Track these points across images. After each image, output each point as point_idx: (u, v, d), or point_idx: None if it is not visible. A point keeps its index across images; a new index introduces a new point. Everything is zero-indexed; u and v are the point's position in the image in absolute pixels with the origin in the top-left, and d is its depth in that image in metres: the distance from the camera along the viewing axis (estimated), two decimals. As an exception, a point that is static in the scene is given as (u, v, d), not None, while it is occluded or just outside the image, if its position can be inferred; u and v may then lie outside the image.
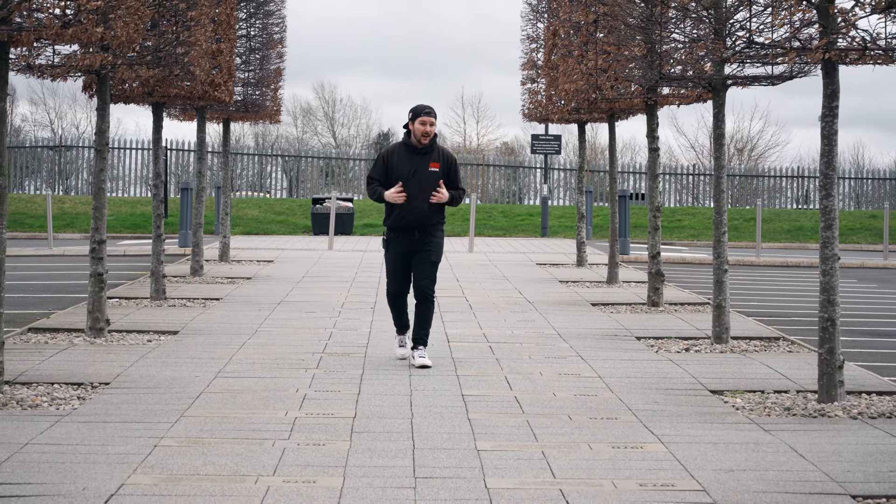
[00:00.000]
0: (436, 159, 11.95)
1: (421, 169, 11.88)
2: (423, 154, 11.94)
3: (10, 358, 11.99)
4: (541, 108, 24.96)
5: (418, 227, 11.93)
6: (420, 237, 11.96)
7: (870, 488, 7.65)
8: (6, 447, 8.39)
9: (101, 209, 14.23)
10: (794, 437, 9.11)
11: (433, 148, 11.98)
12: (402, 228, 11.94)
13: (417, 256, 11.99)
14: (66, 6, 10.49)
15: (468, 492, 7.41)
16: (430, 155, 11.95)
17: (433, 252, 11.99)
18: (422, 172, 11.88)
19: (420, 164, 11.90)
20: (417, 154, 11.94)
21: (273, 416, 9.66)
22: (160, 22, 16.22)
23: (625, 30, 16.58)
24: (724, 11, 13.35)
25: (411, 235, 11.95)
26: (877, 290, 23.22)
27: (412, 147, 11.96)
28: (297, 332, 14.59)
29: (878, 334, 16.33)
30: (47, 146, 49.75)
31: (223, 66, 19.53)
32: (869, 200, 51.15)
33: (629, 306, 17.99)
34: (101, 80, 14.37)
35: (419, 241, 11.96)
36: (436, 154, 11.97)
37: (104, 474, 7.70)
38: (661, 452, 8.57)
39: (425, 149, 11.95)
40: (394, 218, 11.97)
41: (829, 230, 10.51)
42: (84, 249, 26.94)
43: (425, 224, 11.94)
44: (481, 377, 11.61)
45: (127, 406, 9.97)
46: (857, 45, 10.13)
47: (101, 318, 13.99)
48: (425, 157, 11.93)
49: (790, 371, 12.23)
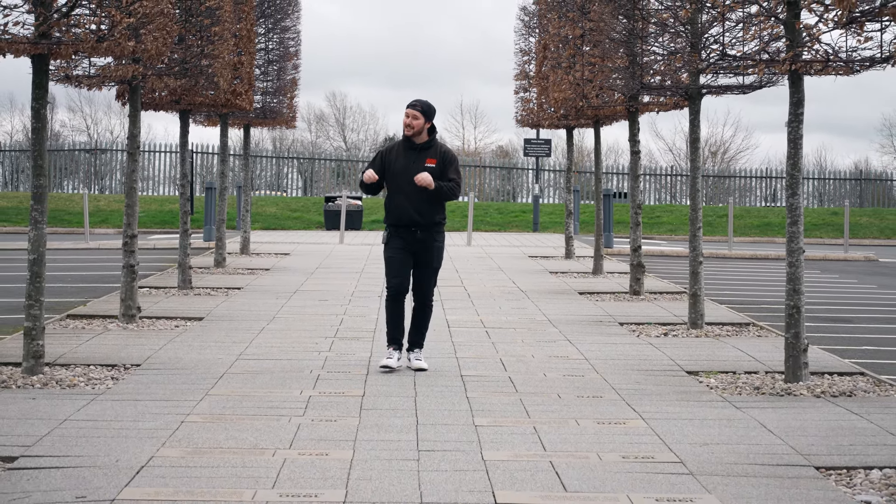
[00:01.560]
0: (433, 156, 10.87)
1: (416, 164, 10.78)
2: (421, 150, 10.88)
3: (51, 342, 11.99)
4: (532, 115, 24.95)
5: (418, 224, 10.77)
6: (422, 237, 10.81)
7: (832, 460, 7.65)
8: (47, 422, 8.40)
9: (132, 207, 14.23)
10: (762, 414, 9.11)
11: (432, 145, 10.94)
12: (403, 226, 10.79)
13: (419, 264, 10.89)
14: (101, 22, 10.48)
15: (467, 463, 7.41)
16: (427, 151, 10.88)
17: (435, 259, 10.90)
18: (416, 167, 10.75)
19: (416, 160, 10.82)
20: (415, 150, 10.88)
21: (289, 394, 9.66)
22: (186, 36, 16.21)
23: (609, 43, 16.57)
24: (699, 27, 13.34)
25: (412, 234, 10.80)
26: (838, 281, 23.22)
27: (409, 142, 10.91)
28: (311, 319, 14.59)
29: (840, 320, 16.32)
30: (84, 149, 49.70)
31: (244, 77, 19.51)
32: (830, 199, 51.13)
33: (613, 295, 17.99)
34: (132, 90, 14.36)
35: (420, 242, 10.81)
36: (433, 151, 10.91)
37: (135, 447, 7.70)
38: (642, 428, 8.57)
39: (423, 145, 10.89)
40: (392, 214, 10.89)
41: (795, 226, 10.51)
42: (117, 243, 26.93)
43: (425, 221, 10.78)
44: (478, 359, 11.61)
45: (156, 386, 9.97)
46: (821, 58, 10.12)
47: (133, 306, 13.99)
48: (422, 154, 10.87)
49: (759, 354, 12.23)
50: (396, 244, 10.84)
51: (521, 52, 26.00)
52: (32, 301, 10.39)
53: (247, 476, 7.02)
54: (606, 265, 23.22)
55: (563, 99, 19.89)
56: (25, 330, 10.37)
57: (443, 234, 10.96)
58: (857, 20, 8.46)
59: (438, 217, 10.88)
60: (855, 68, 10.11)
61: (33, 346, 10.32)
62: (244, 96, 19.50)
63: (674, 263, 26.55)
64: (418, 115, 10.81)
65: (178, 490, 6.71)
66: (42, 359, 10.38)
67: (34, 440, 7.86)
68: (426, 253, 10.83)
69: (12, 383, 9.91)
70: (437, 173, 10.77)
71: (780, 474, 7.28)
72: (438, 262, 10.96)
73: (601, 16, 17.01)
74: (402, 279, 10.83)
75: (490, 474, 7.15)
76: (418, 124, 10.80)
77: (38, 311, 10.39)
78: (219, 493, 6.65)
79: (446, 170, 10.83)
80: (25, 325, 10.37)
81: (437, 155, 10.86)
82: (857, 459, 7.67)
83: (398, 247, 10.82)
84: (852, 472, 7.41)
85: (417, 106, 10.87)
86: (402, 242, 10.81)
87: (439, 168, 10.80)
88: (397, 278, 10.81)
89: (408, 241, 10.81)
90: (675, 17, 13.87)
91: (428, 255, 10.84)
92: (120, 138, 60.55)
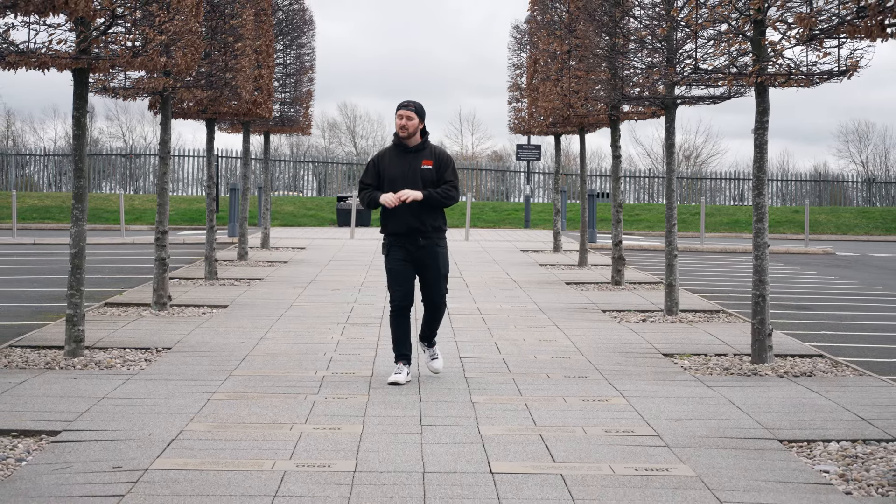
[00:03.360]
0: (428, 157, 9.38)
1: (413, 167, 9.31)
2: (415, 153, 9.37)
3: (90, 327, 12.00)
4: (524, 123, 24.95)
5: (419, 231, 9.28)
6: (424, 244, 9.31)
7: (794, 433, 7.65)
8: (87, 400, 8.40)
9: (164, 206, 14.23)
10: (731, 392, 9.11)
11: (425, 146, 9.42)
12: (403, 234, 9.28)
13: (426, 272, 9.40)
14: (135, 39, 10.48)
15: (465, 436, 7.41)
16: (422, 153, 9.39)
17: (441, 264, 9.43)
18: (414, 171, 9.30)
19: (412, 163, 9.33)
20: (409, 153, 9.37)
21: (305, 374, 9.66)
22: (212, 52, 16.20)
23: (593, 58, 16.55)
24: (674, 43, 13.33)
25: (414, 241, 9.29)
26: (799, 272, 23.21)
27: (402, 146, 9.38)
28: (325, 306, 14.59)
29: (801, 308, 16.32)
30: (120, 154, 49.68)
31: (264, 89, 19.50)
32: (792, 198, 51.15)
33: (596, 285, 17.98)
34: (164, 100, 14.36)
35: (423, 250, 9.32)
36: (428, 152, 9.41)
37: (166, 422, 7.70)
38: (623, 404, 8.57)
39: (416, 147, 9.38)
40: (391, 223, 9.32)
41: (761, 222, 10.51)
42: (150, 239, 26.91)
43: (426, 227, 9.30)
44: (475, 343, 11.60)
45: (185, 367, 9.97)
46: (784, 71, 10.11)
47: (164, 295, 13.99)
48: (417, 156, 9.37)
49: (728, 338, 12.23)
50: (398, 255, 9.32)
51: (513, 66, 26.00)
52: (74, 290, 10.40)
53: (267, 448, 7.02)
54: (591, 258, 23.23)
55: (552, 108, 19.88)
56: (67, 317, 10.37)
57: (445, 239, 9.53)
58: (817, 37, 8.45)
59: (439, 222, 9.42)
60: (815, 81, 10.10)
61: (74, 331, 10.32)
62: (264, 106, 19.48)
63: (651, 257, 26.55)
64: (412, 115, 9.35)
65: (205, 461, 6.71)
66: (82, 343, 10.39)
67: (75, 416, 7.86)
68: (431, 259, 9.37)
69: (56, 365, 9.91)
70: (434, 175, 9.35)
71: (747, 447, 7.28)
72: (446, 268, 9.52)
73: (586, 34, 17.00)
74: (406, 291, 9.34)
75: (486, 446, 7.15)
76: (412, 125, 9.33)
77: (79, 299, 10.39)
78: (241, 464, 6.65)
79: (443, 171, 9.40)
80: (67, 312, 10.38)
81: (433, 156, 9.42)
82: (817, 433, 7.67)
83: (400, 257, 9.32)
84: (812, 444, 7.41)
85: (410, 106, 9.41)
86: (404, 252, 9.32)
87: (436, 169, 9.38)
88: (401, 291, 9.32)
89: (409, 251, 9.31)
90: (652, 35, 13.86)
91: (434, 262, 9.39)
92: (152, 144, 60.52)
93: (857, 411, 8.37)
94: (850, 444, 7.40)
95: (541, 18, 21.53)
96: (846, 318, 15.16)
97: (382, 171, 9.38)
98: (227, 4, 16.65)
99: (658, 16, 13.83)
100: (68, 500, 5.90)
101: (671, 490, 6.24)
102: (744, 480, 6.46)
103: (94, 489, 6.10)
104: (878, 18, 6.57)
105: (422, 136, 9.44)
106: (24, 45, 9.48)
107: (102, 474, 6.39)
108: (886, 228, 40.86)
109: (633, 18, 15.03)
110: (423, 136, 9.44)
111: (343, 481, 6.30)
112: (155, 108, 14.88)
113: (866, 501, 6.11)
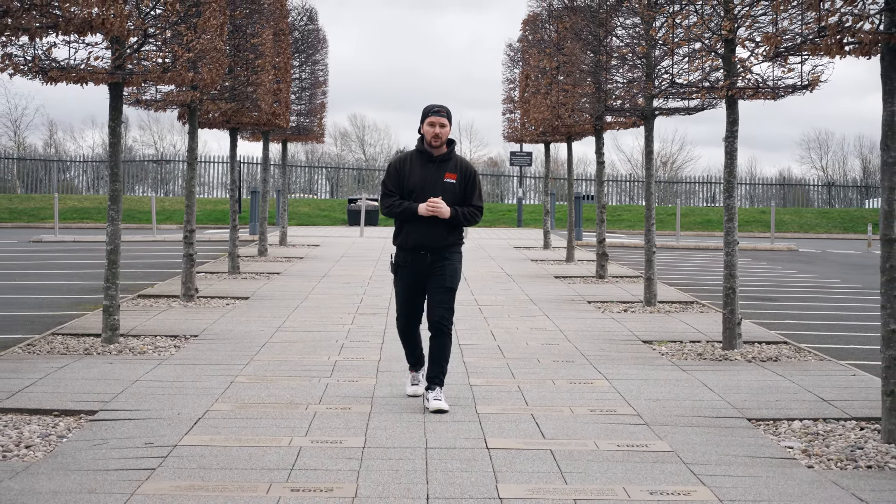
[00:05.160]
0: (453, 170, 7.72)
1: (435, 179, 7.67)
2: (439, 163, 7.72)
3: (125, 317, 11.99)
4: (517, 132, 24.92)
5: (430, 248, 7.66)
6: (432, 260, 7.68)
7: (760, 413, 7.65)
8: (122, 382, 8.39)
9: (191, 207, 14.22)
10: (704, 376, 9.10)
11: (451, 157, 7.75)
12: (410, 249, 7.69)
13: (431, 283, 7.70)
14: (165, 57, 10.47)
15: (463, 416, 7.40)
16: (446, 164, 7.72)
17: (448, 277, 7.66)
18: (435, 183, 7.66)
19: (434, 174, 7.69)
20: (432, 163, 7.72)
21: (319, 359, 9.65)
22: (235, 68, 16.18)
23: (579, 74, 16.54)
24: (652, 60, 13.32)
25: (422, 258, 7.68)
26: (766, 267, 23.20)
27: (426, 154, 7.73)
28: (337, 298, 14.58)
29: (767, 299, 16.31)
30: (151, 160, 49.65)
31: (282, 101, 19.47)
32: (759, 200, 51.14)
33: (582, 278, 17.97)
34: (191, 112, 14.34)
35: (431, 265, 7.68)
36: (453, 164, 7.73)
37: (194, 403, 7.70)
38: (606, 387, 8.56)
39: (441, 157, 7.72)
40: (403, 236, 7.74)
41: (731, 222, 10.50)
42: (179, 237, 26.91)
43: (439, 245, 7.66)
44: (473, 331, 11.59)
45: (210, 352, 9.96)
46: (752, 86, 10.10)
47: (192, 288, 13.98)
48: (441, 167, 7.71)
49: (702, 326, 12.22)
50: (407, 277, 7.77)
51: (507, 81, 25.97)
52: (110, 283, 10.39)
53: (284, 426, 7.02)
54: (577, 254, 23.22)
55: (542, 119, 19.86)
56: (104, 307, 10.36)
57: (459, 253, 7.82)
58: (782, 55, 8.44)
59: (452, 238, 7.75)
60: (780, 94, 10.09)
61: (110, 320, 10.31)
62: (282, 117, 19.46)
63: (632, 253, 26.53)
64: (445, 122, 7.70)
65: (229, 437, 6.70)
66: (118, 331, 10.38)
67: (111, 397, 7.85)
68: (439, 270, 7.69)
69: (93, 351, 9.90)
70: (459, 191, 7.70)
71: (719, 424, 7.27)
72: (453, 282, 7.71)
73: (573, 51, 16.99)
74: (414, 318, 7.87)
75: (482, 424, 7.14)
76: (445, 133, 7.71)
77: (115, 291, 10.38)
78: (261, 440, 6.64)
79: (469, 190, 7.75)
80: (104, 303, 10.37)
81: (458, 169, 7.76)
82: (782, 412, 7.66)
83: (409, 281, 7.77)
84: (777, 423, 7.40)
85: (443, 112, 7.73)
86: (414, 274, 7.73)
87: (460, 185, 7.72)
88: (409, 316, 7.85)
89: (418, 268, 7.72)
90: (633, 53, 13.84)
91: (440, 273, 7.67)
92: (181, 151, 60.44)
93: (818, 393, 8.36)
94: (812, 422, 7.39)
95: (532, 38, 21.52)
96: (808, 309, 15.15)
97: (403, 179, 7.76)
98: (249, 25, 16.64)
99: (638, 35, 13.82)
100: (105, 474, 5.89)
101: (650, 464, 6.24)
102: (715, 455, 6.46)
103: (128, 463, 6.10)
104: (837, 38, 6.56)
105: (448, 146, 7.78)
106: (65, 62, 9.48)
107: (136, 450, 6.39)
108: (844, 227, 40.85)
109: (615, 38, 15.03)
110: (449, 146, 7.79)
111: (353, 456, 6.30)
112: (183, 118, 14.87)
113: (826, 474, 6.11)
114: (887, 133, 6.65)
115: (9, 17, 6.63)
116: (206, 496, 5.50)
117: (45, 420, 7.17)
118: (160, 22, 10.53)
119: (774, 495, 5.67)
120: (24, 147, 60.66)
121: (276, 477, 5.85)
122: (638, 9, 13.66)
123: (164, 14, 10.55)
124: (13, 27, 6.67)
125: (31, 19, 6.66)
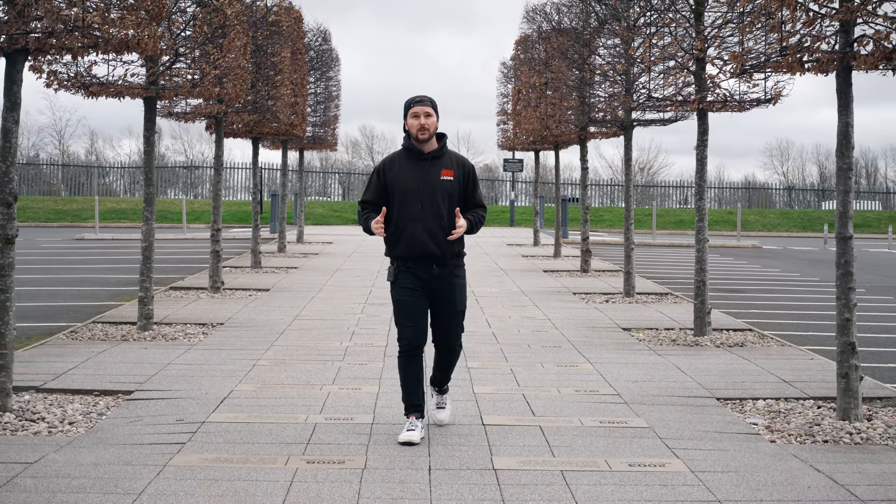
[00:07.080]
0: (448, 166, 6.17)
1: (430, 179, 6.10)
2: (432, 160, 6.16)
3: (158, 307, 11.98)
4: (509, 141, 24.90)
5: (435, 257, 6.09)
6: (439, 273, 6.12)
7: (728, 393, 7.64)
8: (155, 366, 8.39)
9: (218, 208, 14.21)
10: (677, 360, 9.10)
11: (444, 152, 6.20)
12: (414, 259, 6.09)
13: (440, 307, 6.19)
14: (194, 73, 10.47)
15: (461, 395, 7.40)
16: (440, 161, 6.17)
17: (458, 300, 6.22)
18: (432, 184, 6.09)
19: (429, 174, 6.11)
20: (424, 160, 6.14)
21: (332, 345, 9.65)
22: (257, 83, 16.16)
23: (565, 89, 16.52)
24: (631, 76, 13.30)
25: (427, 268, 6.11)
26: (733, 262, 23.19)
27: (415, 152, 6.15)
28: (348, 290, 14.57)
29: (734, 291, 16.31)
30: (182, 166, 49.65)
31: (299, 113, 19.46)
32: (727, 202, 51.17)
33: (568, 272, 17.96)
34: (217, 123, 14.33)
35: (437, 280, 6.13)
36: (448, 160, 6.19)
37: (220, 384, 7.69)
38: (590, 369, 8.55)
39: (433, 153, 6.16)
40: (401, 245, 6.11)
41: (701, 222, 10.49)
42: (206, 235, 26.89)
43: (443, 254, 6.10)
44: (470, 319, 11.57)
45: (235, 339, 9.96)
46: (721, 99, 10.09)
47: (218, 280, 13.97)
48: (435, 164, 6.15)
49: (675, 315, 12.21)
50: (408, 283, 6.12)
51: (501, 95, 25.95)
52: (144, 277, 10.38)
53: (301, 405, 7.01)
54: (563, 251, 23.21)
55: (532, 129, 19.85)
56: (139, 298, 10.36)
57: (463, 267, 6.30)
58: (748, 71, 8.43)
59: (459, 246, 6.24)
60: (746, 107, 10.08)
61: (145, 309, 10.31)
62: (299, 127, 19.44)
63: (613, 249, 26.52)
64: (430, 111, 6.15)
65: (252, 415, 6.70)
66: (151, 319, 10.37)
67: (145, 379, 7.85)
68: (447, 292, 6.18)
69: (130, 337, 9.90)
70: (457, 188, 6.20)
71: (691, 403, 7.27)
72: (463, 303, 6.28)
73: (560, 69, 16.98)
74: (418, 327, 6.08)
75: (479, 403, 7.14)
76: (432, 123, 6.14)
77: (149, 284, 10.37)
78: (281, 417, 6.64)
79: (471, 187, 6.27)
80: (139, 294, 10.36)
81: (454, 165, 6.22)
82: (747, 392, 7.66)
83: (410, 287, 6.11)
84: (743, 402, 7.40)
85: (426, 101, 6.18)
86: (416, 281, 6.12)
87: (460, 183, 6.21)
88: (412, 327, 6.06)
89: (423, 279, 6.13)
90: (613, 70, 13.83)
91: (450, 295, 6.18)
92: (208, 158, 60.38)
93: (780, 375, 8.36)
94: (774, 401, 7.39)
95: (523, 56, 21.51)
96: (771, 300, 15.15)
97: (390, 183, 6.15)
98: (269, 45, 16.62)
99: (618, 54, 13.80)
100: (140, 447, 5.89)
101: (629, 439, 6.23)
102: (688, 431, 6.45)
103: (161, 438, 6.10)
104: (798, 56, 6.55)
105: (438, 141, 6.24)
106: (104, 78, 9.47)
107: (167, 426, 6.38)
108: (803, 227, 40.84)
109: (598, 56, 15.02)
110: (440, 141, 6.24)
111: (363, 431, 6.29)
112: (210, 129, 14.86)
113: (787, 448, 6.11)
114: (842, 142, 6.65)
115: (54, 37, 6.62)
116: (231, 467, 5.50)
117: (87, 399, 7.16)
118: (190, 42, 10.53)
119: (741, 466, 5.67)
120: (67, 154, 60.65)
121: (294, 450, 5.84)
122: (618, 30, 13.66)
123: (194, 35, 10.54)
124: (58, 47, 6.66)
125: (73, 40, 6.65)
